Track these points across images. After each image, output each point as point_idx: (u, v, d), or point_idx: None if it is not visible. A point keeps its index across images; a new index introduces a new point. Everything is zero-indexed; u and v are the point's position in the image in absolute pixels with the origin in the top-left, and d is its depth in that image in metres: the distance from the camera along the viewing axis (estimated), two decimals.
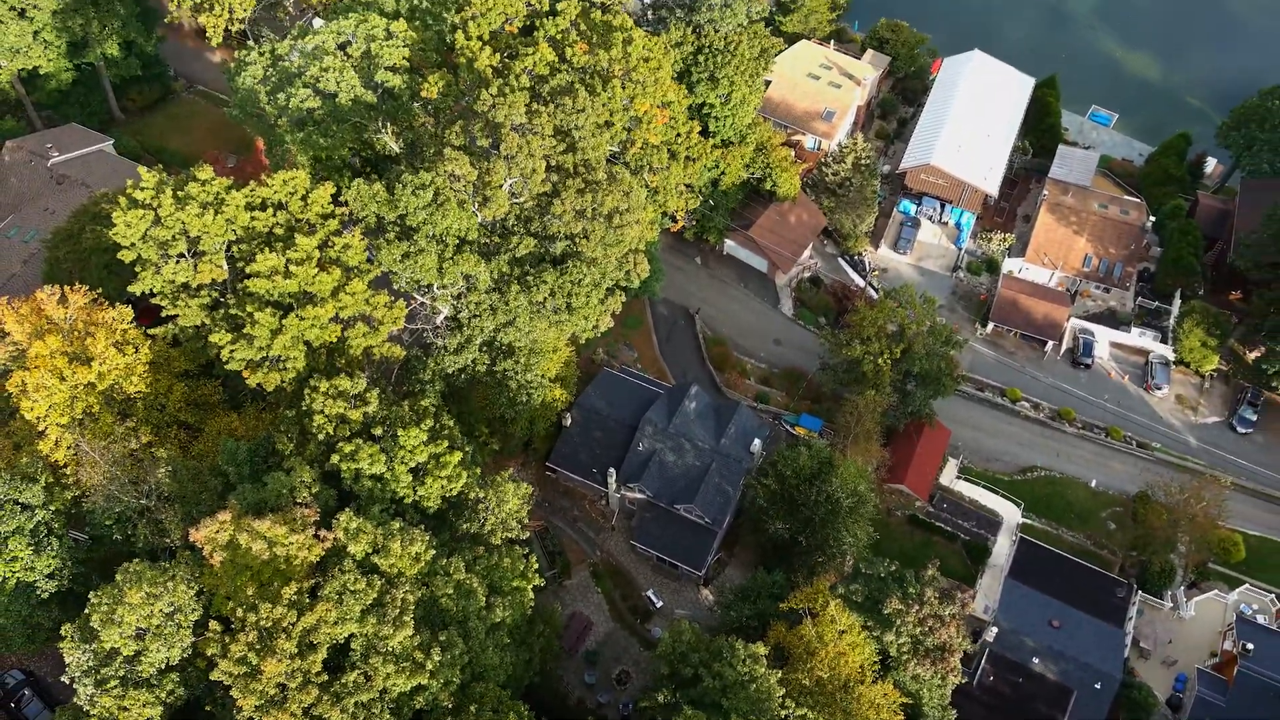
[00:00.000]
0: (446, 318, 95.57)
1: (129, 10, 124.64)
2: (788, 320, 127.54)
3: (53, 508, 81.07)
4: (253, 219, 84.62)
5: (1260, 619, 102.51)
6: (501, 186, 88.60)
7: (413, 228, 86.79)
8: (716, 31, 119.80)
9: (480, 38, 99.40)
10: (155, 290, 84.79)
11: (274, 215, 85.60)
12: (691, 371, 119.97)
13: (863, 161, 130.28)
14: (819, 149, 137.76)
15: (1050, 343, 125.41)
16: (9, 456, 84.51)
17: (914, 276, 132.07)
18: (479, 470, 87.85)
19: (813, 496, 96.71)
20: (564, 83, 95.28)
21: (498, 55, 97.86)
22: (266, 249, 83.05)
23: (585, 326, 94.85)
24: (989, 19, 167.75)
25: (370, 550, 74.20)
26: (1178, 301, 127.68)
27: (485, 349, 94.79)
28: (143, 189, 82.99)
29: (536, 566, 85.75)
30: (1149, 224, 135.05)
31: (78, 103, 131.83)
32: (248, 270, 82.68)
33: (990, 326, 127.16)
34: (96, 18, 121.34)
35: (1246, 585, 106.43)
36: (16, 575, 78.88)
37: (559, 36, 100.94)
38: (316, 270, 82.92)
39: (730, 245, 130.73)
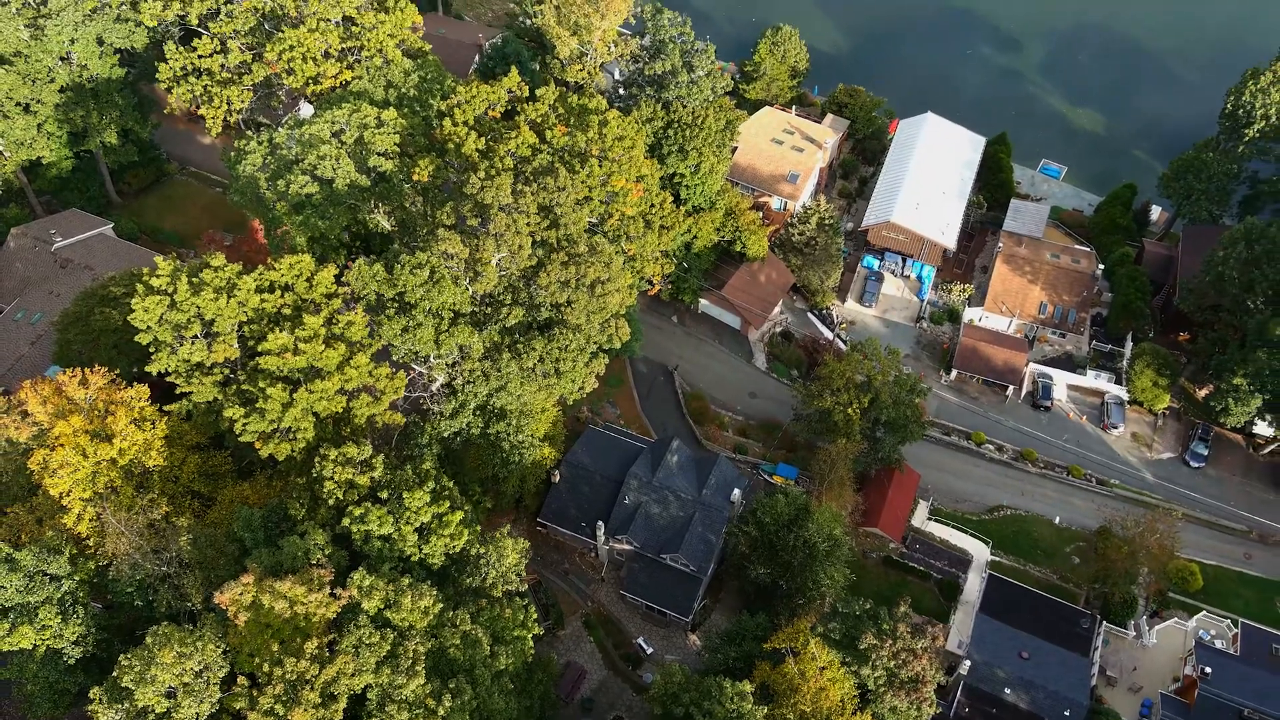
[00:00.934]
0: (442, 385, 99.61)
1: (127, 101, 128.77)
2: (761, 374, 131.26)
3: (77, 577, 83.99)
4: (263, 301, 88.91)
5: (1218, 644, 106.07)
6: (491, 262, 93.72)
7: (411, 304, 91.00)
8: (685, 107, 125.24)
9: (465, 123, 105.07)
10: (170, 370, 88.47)
11: (282, 296, 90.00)
12: (672, 426, 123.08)
13: (826, 221, 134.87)
14: (785, 210, 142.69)
15: (1011, 387, 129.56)
16: (32, 530, 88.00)
17: (880, 328, 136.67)
18: (479, 528, 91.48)
19: (791, 542, 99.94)
20: (545, 163, 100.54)
21: (483, 139, 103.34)
22: (276, 328, 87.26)
23: (572, 389, 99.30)
24: (941, 80, 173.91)
25: (383, 606, 78.31)
26: (1129, 344, 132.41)
27: (479, 413, 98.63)
28: (159, 276, 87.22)
29: (535, 616, 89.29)
30: (1099, 271, 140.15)
31: (77, 188, 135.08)
32: (259, 349, 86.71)
33: (954, 373, 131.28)
34: (96, 109, 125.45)
35: (1204, 613, 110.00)
36: (46, 643, 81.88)
37: (539, 120, 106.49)
38: (323, 347, 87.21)
39: (705, 304, 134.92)
